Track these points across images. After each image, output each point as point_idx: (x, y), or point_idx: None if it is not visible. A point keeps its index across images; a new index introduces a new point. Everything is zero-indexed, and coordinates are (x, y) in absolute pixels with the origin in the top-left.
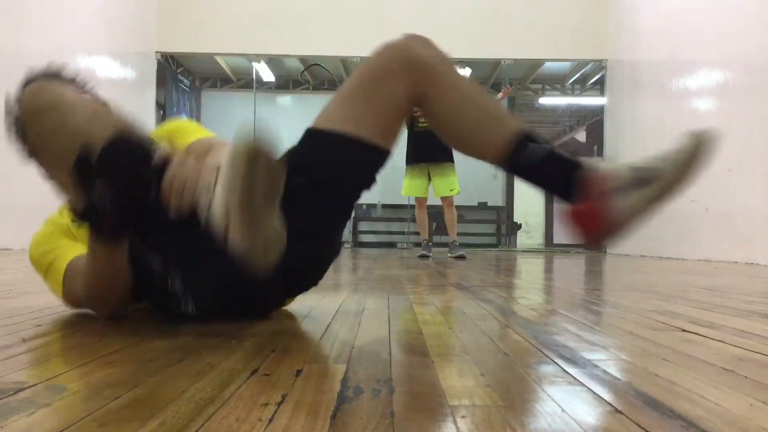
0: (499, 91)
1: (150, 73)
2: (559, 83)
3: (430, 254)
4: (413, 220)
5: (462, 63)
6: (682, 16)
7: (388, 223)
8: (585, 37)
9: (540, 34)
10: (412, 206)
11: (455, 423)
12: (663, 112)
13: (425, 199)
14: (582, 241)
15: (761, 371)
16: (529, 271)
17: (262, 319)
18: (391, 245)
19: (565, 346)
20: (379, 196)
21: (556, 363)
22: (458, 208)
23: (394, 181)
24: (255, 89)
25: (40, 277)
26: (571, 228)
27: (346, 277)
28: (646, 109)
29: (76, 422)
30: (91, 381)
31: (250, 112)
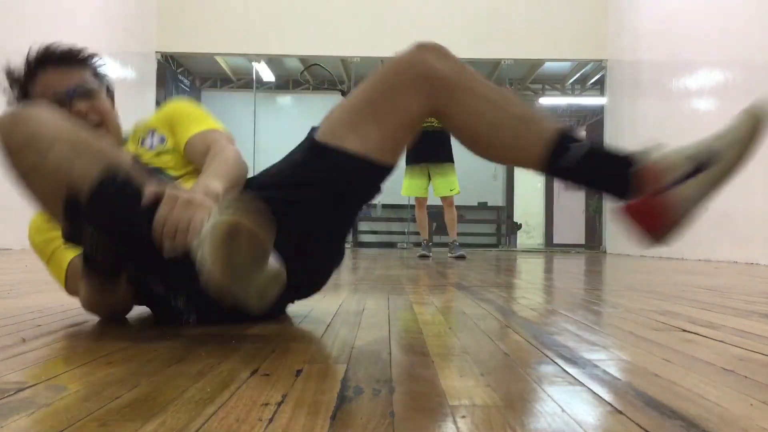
0: None
1: (150, 73)
2: (559, 83)
3: (430, 254)
4: (413, 220)
5: None
6: (682, 16)
7: (388, 223)
8: (585, 37)
9: (540, 34)
10: (412, 206)
11: (455, 423)
12: (663, 112)
13: (425, 199)
14: (644, 239)
15: (761, 371)
16: (529, 271)
17: (262, 320)
18: (391, 245)
19: (565, 346)
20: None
21: (556, 363)
22: (458, 208)
23: (394, 181)
24: (255, 89)
25: (43, 263)
26: (631, 227)
27: (346, 277)
28: (646, 109)
29: (76, 422)
30: (91, 381)
31: (251, 112)
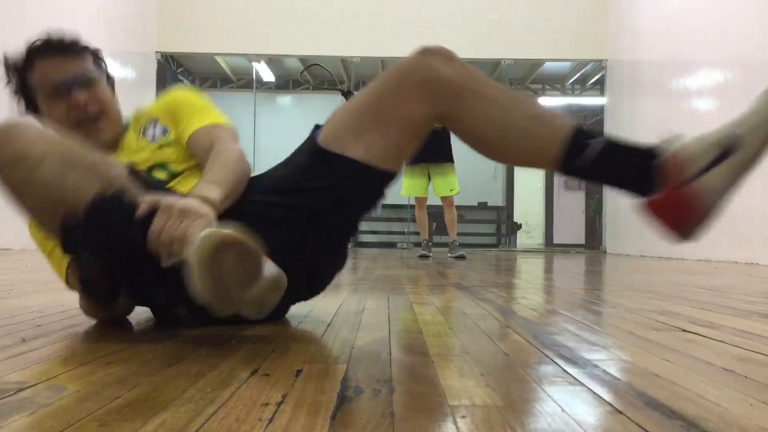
0: None
1: (150, 73)
2: (559, 83)
3: (430, 254)
4: (413, 220)
5: None
6: (682, 16)
7: (388, 223)
8: (585, 37)
9: (540, 34)
10: (412, 206)
11: (455, 423)
12: (663, 112)
13: (425, 199)
14: (670, 236)
15: (761, 371)
16: (529, 271)
17: (262, 321)
18: (391, 245)
19: (565, 346)
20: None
21: (556, 363)
22: (458, 208)
23: None
24: (255, 89)
25: (44, 255)
26: (656, 224)
27: (346, 277)
28: (646, 109)
29: (76, 422)
30: (91, 381)
31: (251, 112)
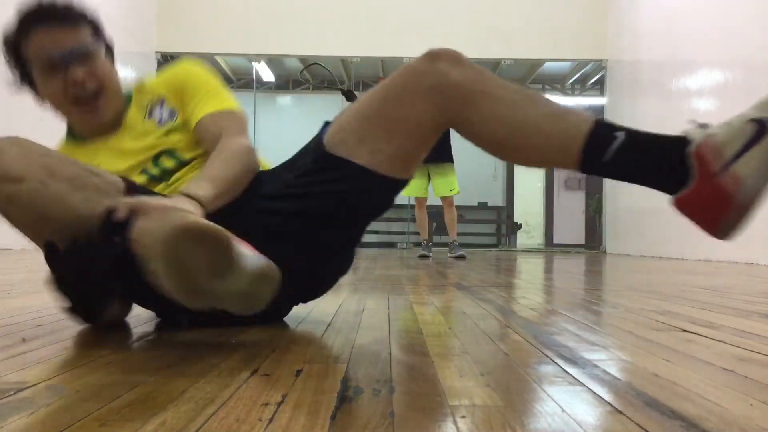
0: None
1: (150, 73)
2: (559, 83)
3: (430, 254)
4: (413, 220)
5: None
6: (682, 16)
7: (388, 223)
8: (585, 37)
9: (540, 34)
10: (412, 206)
11: (455, 423)
12: (663, 112)
13: (425, 199)
14: (708, 232)
15: (761, 371)
16: (529, 271)
17: (262, 321)
18: (391, 245)
19: (565, 346)
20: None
21: (556, 363)
22: (458, 208)
23: None
24: (255, 89)
25: None
26: (693, 221)
27: (346, 277)
28: (646, 109)
29: (76, 422)
30: (91, 381)
31: (251, 112)
